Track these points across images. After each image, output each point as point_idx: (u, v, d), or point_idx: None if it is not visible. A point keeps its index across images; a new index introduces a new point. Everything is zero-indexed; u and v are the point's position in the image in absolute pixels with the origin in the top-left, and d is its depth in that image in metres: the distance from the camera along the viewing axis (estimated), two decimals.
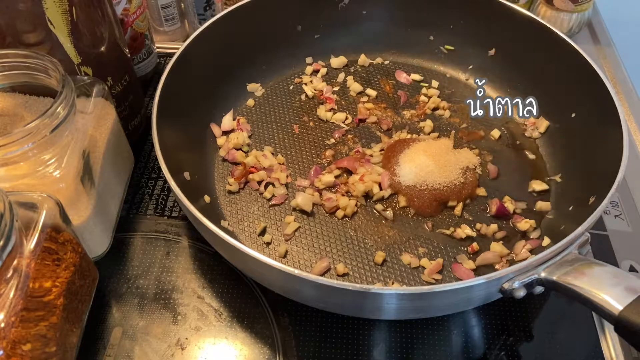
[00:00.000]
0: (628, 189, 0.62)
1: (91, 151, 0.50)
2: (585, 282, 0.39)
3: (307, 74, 0.73)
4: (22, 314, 0.37)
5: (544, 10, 0.80)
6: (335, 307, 0.48)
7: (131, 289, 0.52)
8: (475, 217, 0.57)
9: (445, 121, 0.67)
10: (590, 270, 0.40)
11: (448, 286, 0.40)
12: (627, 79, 0.77)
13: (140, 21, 0.68)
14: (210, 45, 0.63)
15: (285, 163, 0.62)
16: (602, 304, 0.38)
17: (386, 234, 0.55)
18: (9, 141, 0.42)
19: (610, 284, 0.38)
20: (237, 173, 0.60)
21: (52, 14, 0.47)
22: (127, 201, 0.60)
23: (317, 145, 0.64)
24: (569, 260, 0.42)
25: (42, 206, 0.42)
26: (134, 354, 0.48)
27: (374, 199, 0.58)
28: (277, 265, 0.41)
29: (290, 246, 0.55)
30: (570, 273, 0.40)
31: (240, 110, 0.68)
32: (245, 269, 0.50)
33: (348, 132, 0.66)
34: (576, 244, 0.43)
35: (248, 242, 0.55)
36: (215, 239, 0.46)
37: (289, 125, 0.67)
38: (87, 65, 0.53)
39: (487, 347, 0.48)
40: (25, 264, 0.39)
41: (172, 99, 0.56)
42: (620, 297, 0.37)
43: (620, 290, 0.38)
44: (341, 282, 0.42)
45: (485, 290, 0.43)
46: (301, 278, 0.41)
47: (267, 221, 0.57)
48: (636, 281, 0.38)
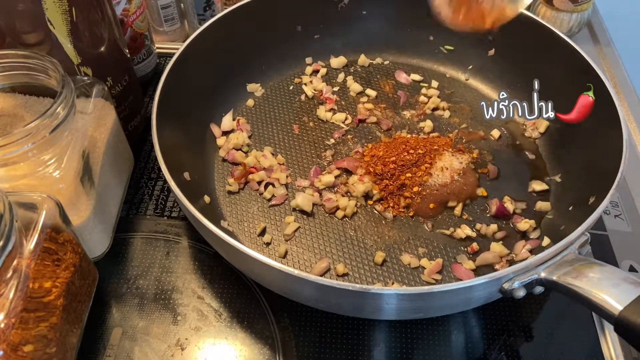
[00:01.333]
0: (628, 189, 0.62)
1: (91, 151, 0.50)
2: (585, 282, 0.39)
3: (307, 74, 0.73)
4: (22, 314, 0.37)
5: (544, 10, 0.80)
6: (335, 307, 0.48)
7: (131, 290, 0.52)
8: (475, 217, 0.57)
9: (445, 121, 0.67)
10: (590, 270, 0.40)
11: (448, 286, 0.40)
12: (626, 79, 0.77)
13: (140, 21, 0.68)
14: (210, 46, 0.63)
15: (285, 163, 0.62)
16: (602, 304, 0.38)
17: (386, 234, 0.55)
18: (8, 141, 0.42)
19: (610, 284, 0.38)
20: (237, 173, 0.60)
21: (52, 14, 0.47)
22: (127, 201, 0.60)
23: (317, 146, 0.64)
24: (568, 261, 0.42)
25: (42, 206, 0.42)
26: (133, 355, 0.48)
27: (374, 199, 0.58)
28: (276, 266, 0.41)
29: (290, 246, 0.55)
30: (570, 273, 0.40)
31: (240, 110, 0.68)
32: (244, 269, 0.50)
33: (348, 132, 0.66)
34: (576, 244, 0.43)
35: (248, 243, 0.55)
36: (215, 240, 0.46)
37: (288, 125, 0.67)
38: (87, 66, 0.53)
39: (487, 347, 0.48)
40: (25, 264, 0.39)
41: (172, 99, 0.56)
42: (620, 297, 0.37)
43: (620, 290, 0.37)
44: (341, 282, 0.42)
45: (485, 291, 0.43)
46: (301, 278, 0.41)
47: (267, 221, 0.57)
48: (636, 281, 0.38)
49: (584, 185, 0.53)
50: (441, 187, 0.57)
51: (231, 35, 0.66)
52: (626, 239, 0.57)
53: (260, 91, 0.70)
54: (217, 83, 0.66)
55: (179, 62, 0.58)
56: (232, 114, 0.66)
